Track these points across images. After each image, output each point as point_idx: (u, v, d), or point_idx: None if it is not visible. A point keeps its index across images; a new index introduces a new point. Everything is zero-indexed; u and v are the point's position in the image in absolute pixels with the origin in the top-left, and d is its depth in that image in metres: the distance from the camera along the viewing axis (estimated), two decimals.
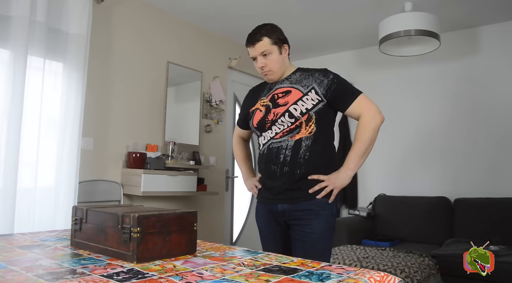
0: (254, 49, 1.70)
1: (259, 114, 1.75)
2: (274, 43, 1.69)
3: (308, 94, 1.66)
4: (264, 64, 1.70)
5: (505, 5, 3.30)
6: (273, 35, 1.69)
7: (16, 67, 2.35)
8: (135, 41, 3.26)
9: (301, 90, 1.67)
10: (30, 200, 2.44)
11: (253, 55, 1.72)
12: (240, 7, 3.42)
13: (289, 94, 1.69)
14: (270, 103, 1.72)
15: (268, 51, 1.68)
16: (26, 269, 0.92)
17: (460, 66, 3.80)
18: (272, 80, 1.76)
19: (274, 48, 1.69)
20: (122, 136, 3.11)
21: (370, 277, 0.88)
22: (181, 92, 3.71)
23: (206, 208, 3.75)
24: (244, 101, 1.95)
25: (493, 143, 3.58)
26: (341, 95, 1.67)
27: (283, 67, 1.74)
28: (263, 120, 1.73)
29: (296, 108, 1.65)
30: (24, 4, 2.39)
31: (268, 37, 1.68)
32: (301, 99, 1.66)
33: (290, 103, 1.66)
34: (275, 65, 1.71)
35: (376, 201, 3.95)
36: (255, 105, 1.80)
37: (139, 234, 1.02)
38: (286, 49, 1.74)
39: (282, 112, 1.66)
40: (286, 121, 1.66)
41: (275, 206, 1.73)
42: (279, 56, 1.71)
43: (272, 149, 1.70)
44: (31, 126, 2.45)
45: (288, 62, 1.77)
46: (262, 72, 1.75)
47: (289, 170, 1.65)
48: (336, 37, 4.12)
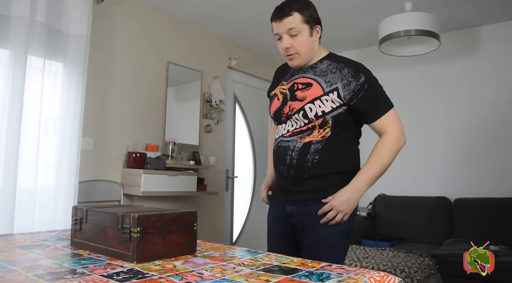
0: (281, 24, 1.43)
1: (276, 103, 1.57)
2: (305, 22, 1.43)
3: (329, 95, 1.43)
4: (290, 44, 1.45)
5: (505, 5, 3.30)
6: (306, 12, 1.43)
7: (16, 67, 2.35)
8: (135, 41, 3.26)
9: (323, 87, 1.45)
10: (30, 200, 2.44)
11: (278, 32, 1.46)
12: (240, 7, 3.42)
13: (309, 88, 1.47)
14: (288, 93, 1.52)
15: (297, 30, 1.42)
16: (26, 269, 0.92)
17: (460, 66, 3.80)
18: (297, 66, 1.52)
19: (305, 27, 1.43)
20: (122, 136, 3.11)
21: (370, 277, 0.88)
22: (181, 92, 3.71)
23: (206, 208, 3.75)
24: (273, 79, 1.73)
25: (493, 143, 3.58)
26: (369, 106, 1.45)
27: (312, 52, 1.49)
28: (278, 112, 1.55)
29: (312, 108, 1.44)
30: (24, 4, 2.39)
31: (299, 13, 1.42)
32: (320, 98, 1.44)
33: (307, 100, 1.45)
34: (303, 48, 1.45)
35: (376, 201, 3.95)
36: (276, 88, 1.61)
37: (139, 234, 1.02)
38: (318, 31, 1.48)
39: (298, 108, 1.47)
40: (300, 119, 1.47)
41: (284, 207, 1.57)
42: (309, 38, 1.45)
43: (280, 147, 1.54)
44: (31, 126, 2.45)
45: (318, 47, 1.51)
46: (286, 54, 1.50)
47: (296, 173, 1.49)
48: (336, 37, 4.12)
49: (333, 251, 1.46)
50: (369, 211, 3.88)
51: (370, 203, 3.98)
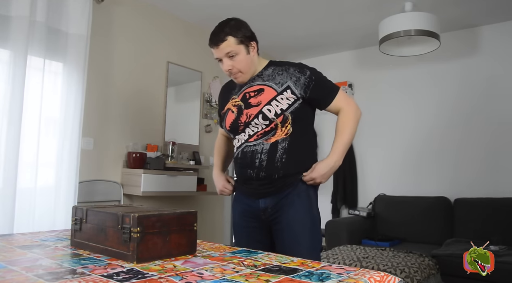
0: (219, 50, 1.53)
1: (231, 115, 1.61)
2: (240, 43, 1.52)
3: (283, 94, 1.52)
4: (231, 66, 1.54)
5: (505, 5, 3.30)
6: (238, 33, 1.52)
7: (16, 67, 2.35)
8: (135, 41, 3.26)
9: (275, 88, 1.54)
10: (30, 200, 2.44)
11: (217, 56, 1.56)
12: (240, 7, 3.42)
13: (262, 93, 1.55)
14: (242, 103, 1.58)
15: (234, 52, 1.52)
16: (26, 269, 0.92)
17: (460, 66, 3.80)
18: (243, 82, 1.60)
19: (241, 48, 1.53)
20: (122, 136, 3.11)
21: (370, 277, 0.88)
22: (181, 92, 3.71)
23: (206, 208, 3.75)
24: (219, 99, 1.80)
25: (493, 143, 3.58)
26: (321, 93, 1.57)
27: (253, 66, 1.58)
28: (235, 122, 1.59)
29: (270, 109, 1.51)
30: (24, 4, 2.39)
31: (233, 36, 1.51)
32: (275, 98, 1.52)
33: (263, 104, 1.52)
34: (244, 66, 1.55)
35: (376, 201, 3.95)
36: (227, 104, 1.66)
37: (139, 234, 1.02)
38: (254, 47, 1.57)
39: (256, 113, 1.53)
40: (260, 123, 1.52)
41: (255, 202, 1.59)
42: (246, 56, 1.55)
43: (246, 153, 1.56)
44: (31, 126, 2.46)
45: (257, 59, 1.61)
46: (230, 75, 1.59)
47: (266, 175, 1.53)
48: (336, 37, 4.12)
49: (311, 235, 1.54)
50: (369, 211, 3.88)
51: (370, 203, 3.98)
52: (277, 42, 4.22)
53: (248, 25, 1.59)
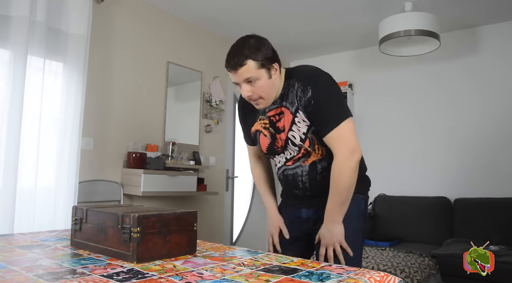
0: (237, 75, 1.34)
1: (265, 139, 1.51)
2: (261, 66, 1.33)
3: (297, 116, 1.39)
4: (251, 92, 1.36)
5: (505, 5, 3.30)
6: (259, 56, 1.33)
7: (16, 67, 2.35)
8: (135, 41, 3.26)
9: (290, 111, 1.40)
10: (30, 200, 2.44)
11: (235, 81, 1.37)
12: (240, 7, 3.42)
13: (283, 116, 1.43)
14: (272, 129, 1.47)
15: (255, 77, 1.33)
16: (26, 269, 0.92)
17: (460, 66, 3.80)
18: (264, 108, 1.45)
19: (262, 72, 1.34)
20: (122, 136, 3.11)
21: (370, 277, 0.88)
22: (181, 92, 3.71)
23: (206, 208, 3.75)
24: (239, 114, 1.64)
25: (493, 143, 3.58)
26: (316, 121, 1.36)
27: (275, 90, 1.40)
28: (271, 148, 1.50)
29: (294, 135, 1.41)
30: (24, 4, 2.39)
31: (253, 59, 1.32)
32: (294, 122, 1.40)
33: (287, 129, 1.42)
34: (265, 92, 1.37)
35: (376, 201, 3.95)
36: (254, 123, 1.54)
37: (139, 234, 1.02)
38: (276, 69, 1.38)
39: (285, 139, 1.44)
40: (291, 148, 1.45)
41: (299, 212, 1.56)
42: (268, 81, 1.36)
43: (287, 176, 1.51)
44: (31, 126, 2.45)
45: (279, 80, 1.42)
46: (250, 101, 1.42)
47: (312, 194, 1.49)
48: (336, 37, 4.12)
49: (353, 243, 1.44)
50: (369, 211, 3.88)
51: (370, 203, 3.98)
52: (277, 42, 4.19)
53: (269, 43, 1.40)
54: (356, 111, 4.39)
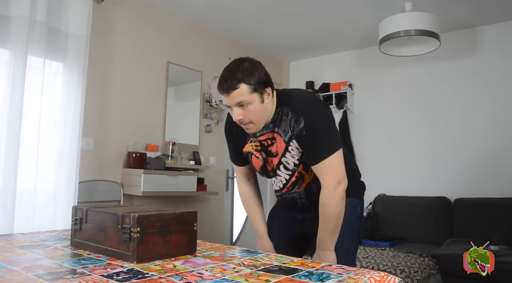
0: (229, 98, 1.32)
1: (257, 161, 1.52)
2: (253, 90, 1.31)
3: (290, 144, 1.40)
4: (242, 116, 1.34)
5: (505, 5, 3.30)
6: (252, 80, 1.30)
7: (16, 67, 2.35)
8: (135, 41, 3.26)
9: (283, 139, 1.40)
10: (30, 200, 2.44)
11: (227, 104, 1.35)
12: (240, 7, 3.42)
13: (275, 142, 1.43)
14: (263, 150, 1.48)
15: (247, 101, 1.31)
16: (26, 269, 0.92)
17: (460, 66, 3.80)
18: (254, 133, 1.43)
19: (254, 96, 1.31)
20: (122, 136, 3.11)
21: (370, 277, 0.88)
22: (181, 92, 3.71)
23: (206, 208, 3.75)
24: (227, 135, 1.62)
25: (493, 143, 3.58)
26: (307, 151, 1.38)
27: (266, 115, 1.38)
28: (264, 168, 1.51)
29: (288, 161, 1.43)
30: (24, 4, 2.39)
31: (246, 83, 1.29)
32: (287, 149, 1.41)
33: (280, 154, 1.43)
34: (256, 117, 1.35)
35: (376, 201, 3.95)
36: (245, 144, 1.53)
37: (139, 234, 1.02)
38: (269, 94, 1.35)
39: (277, 163, 1.46)
40: (284, 172, 1.47)
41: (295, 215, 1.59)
42: (260, 106, 1.33)
43: (286, 198, 1.56)
44: (31, 126, 2.45)
45: (271, 105, 1.39)
46: (240, 125, 1.40)
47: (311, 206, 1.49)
48: (336, 37, 4.12)
49: (348, 242, 1.47)
50: (369, 211, 3.88)
51: (370, 203, 3.98)
52: (277, 42, 4.22)
53: (262, 67, 1.37)
54: (356, 111, 4.39)
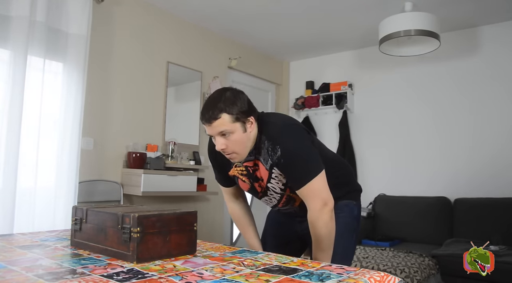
0: (211, 127, 1.32)
1: (244, 184, 1.52)
2: (235, 120, 1.30)
3: (273, 172, 1.40)
4: (225, 145, 1.34)
5: (505, 5, 3.30)
6: (234, 109, 1.30)
7: (16, 67, 2.35)
8: (135, 41, 3.26)
9: (265, 167, 1.40)
10: (30, 200, 2.44)
11: (209, 134, 1.37)
12: (240, 7, 3.42)
13: (259, 169, 1.43)
14: (250, 177, 1.48)
15: (229, 131, 1.31)
16: (26, 269, 0.92)
17: (460, 66, 3.80)
18: (238, 162, 1.44)
19: (236, 126, 1.31)
20: (122, 136, 3.11)
21: (370, 277, 0.88)
22: (181, 92, 3.71)
23: (206, 208, 3.75)
24: (211, 158, 1.63)
25: (493, 143, 3.58)
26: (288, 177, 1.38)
27: (249, 143, 1.38)
28: (253, 190, 1.51)
29: (274, 186, 1.44)
30: (24, 4, 2.39)
31: (227, 113, 1.29)
32: (271, 176, 1.41)
33: (265, 180, 1.43)
34: (239, 146, 1.35)
35: (376, 201, 3.95)
36: (230, 168, 1.52)
37: (139, 234, 1.02)
38: (252, 123, 1.35)
39: (265, 187, 1.46)
40: (274, 194, 1.48)
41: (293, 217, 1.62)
42: (242, 135, 1.33)
43: (283, 213, 1.59)
44: (31, 126, 2.45)
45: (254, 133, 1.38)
46: (223, 154, 1.40)
47: None
48: (336, 37, 4.12)
49: (345, 242, 1.49)
50: (369, 211, 3.88)
51: (370, 203, 3.98)
52: (277, 42, 4.22)
53: (245, 96, 1.38)
54: (356, 111, 4.39)
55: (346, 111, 4.36)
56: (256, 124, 1.39)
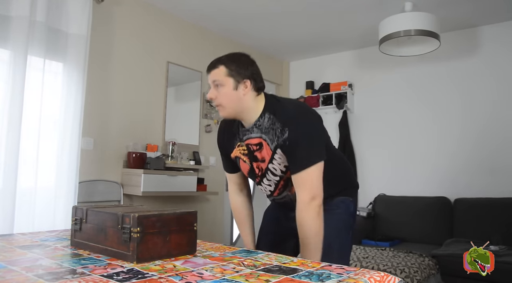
0: (209, 76, 1.46)
1: (244, 165, 1.54)
2: (229, 75, 1.40)
3: (276, 152, 1.41)
4: (214, 95, 1.44)
5: (505, 5, 3.30)
6: (232, 65, 1.40)
7: (16, 67, 2.35)
8: (135, 41, 3.26)
9: (270, 147, 1.42)
10: (30, 200, 2.44)
11: (208, 82, 1.49)
12: (240, 7, 3.42)
13: (262, 149, 1.45)
14: (249, 154, 1.50)
15: (220, 82, 1.41)
16: (26, 269, 0.92)
17: (460, 66, 3.80)
18: (225, 117, 1.49)
19: (229, 80, 1.40)
20: (122, 136, 3.11)
21: (370, 277, 0.88)
22: (181, 92, 3.71)
23: (206, 208, 3.75)
24: (219, 141, 1.65)
25: (493, 143, 3.58)
26: (287, 159, 1.40)
27: (239, 105, 1.42)
28: (252, 173, 1.54)
29: (275, 167, 1.45)
30: (24, 4, 2.39)
31: (225, 66, 1.41)
32: (273, 157, 1.43)
33: (267, 161, 1.45)
34: (225, 100, 1.42)
35: (376, 201, 3.95)
36: (233, 149, 1.55)
37: (139, 234, 1.02)
38: (246, 86, 1.40)
39: (265, 169, 1.48)
40: (272, 178, 1.49)
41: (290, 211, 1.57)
42: (231, 92, 1.40)
43: (279, 203, 1.60)
44: (31, 126, 2.45)
45: (250, 101, 1.42)
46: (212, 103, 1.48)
47: None
48: (336, 37, 4.12)
49: (341, 239, 1.51)
50: (369, 211, 3.88)
51: (370, 203, 3.98)
52: (277, 42, 4.22)
53: (255, 65, 1.45)
54: (356, 111, 4.39)
55: (346, 111, 4.36)
56: (255, 94, 1.43)
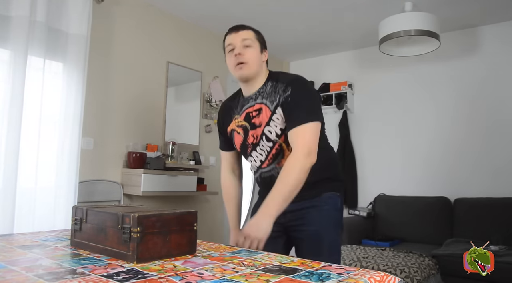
0: (237, 35, 1.49)
1: (238, 137, 1.58)
2: (257, 39, 1.53)
3: (276, 113, 1.46)
4: (242, 52, 1.48)
5: (505, 5, 3.30)
6: (258, 35, 1.55)
7: (16, 67, 2.35)
8: (135, 41, 3.26)
9: (270, 108, 1.48)
10: (30, 200, 2.44)
11: (232, 42, 1.50)
12: (240, 8, 3.42)
13: (261, 113, 1.50)
14: (246, 124, 1.54)
15: (250, 43, 1.49)
16: (26, 269, 0.92)
17: (460, 66, 3.80)
18: (244, 76, 1.51)
19: (257, 43, 1.52)
20: (122, 136, 3.11)
21: (370, 277, 0.88)
22: (181, 92, 3.71)
23: (206, 208, 3.75)
24: (218, 119, 1.71)
25: (493, 143, 3.58)
26: (287, 115, 1.44)
27: (259, 68, 1.52)
28: (244, 144, 1.56)
29: (271, 130, 1.48)
30: (24, 4, 2.39)
31: (253, 31, 1.53)
32: (272, 118, 1.47)
33: (263, 125, 1.49)
34: (253, 59, 1.49)
35: (376, 201, 3.95)
36: (230, 124, 1.62)
37: (139, 234, 1.02)
38: (266, 55, 1.56)
39: (260, 134, 1.50)
40: (265, 144, 1.50)
41: None
42: (258, 53, 1.52)
43: (265, 178, 1.57)
44: (31, 126, 2.45)
45: (264, 68, 1.55)
46: (236, 63, 1.49)
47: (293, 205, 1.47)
48: (336, 37, 4.12)
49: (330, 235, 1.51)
50: (369, 211, 3.88)
51: (370, 203, 3.98)
52: (277, 42, 4.22)
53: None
54: (356, 111, 4.39)
55: (346, 111, 4.36)
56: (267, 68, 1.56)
